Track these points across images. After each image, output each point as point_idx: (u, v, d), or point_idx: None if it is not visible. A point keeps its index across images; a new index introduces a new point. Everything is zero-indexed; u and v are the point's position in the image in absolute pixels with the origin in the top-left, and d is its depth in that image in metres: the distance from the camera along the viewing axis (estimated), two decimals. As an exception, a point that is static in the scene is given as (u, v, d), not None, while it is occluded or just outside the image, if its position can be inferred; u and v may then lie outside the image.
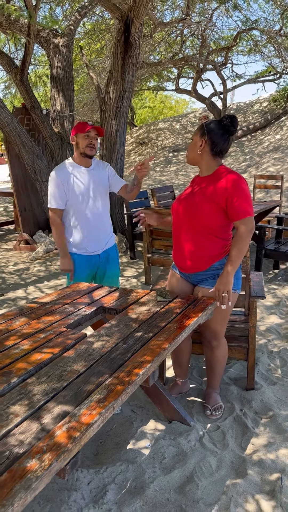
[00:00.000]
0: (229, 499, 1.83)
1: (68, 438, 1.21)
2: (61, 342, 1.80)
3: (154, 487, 1.89)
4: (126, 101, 6.00)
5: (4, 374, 1.55)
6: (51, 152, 6.29)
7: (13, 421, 1.29)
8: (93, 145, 2.61)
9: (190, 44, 13.60)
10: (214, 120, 2.17)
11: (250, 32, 12.20)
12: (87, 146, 2.60)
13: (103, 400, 1.39)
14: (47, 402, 1.39)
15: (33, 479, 1.07)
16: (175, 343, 1.79)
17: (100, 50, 11.99)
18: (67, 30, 6.47)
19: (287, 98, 14.31)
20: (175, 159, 13.55)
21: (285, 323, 3.69)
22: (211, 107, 13.83)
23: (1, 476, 1.09)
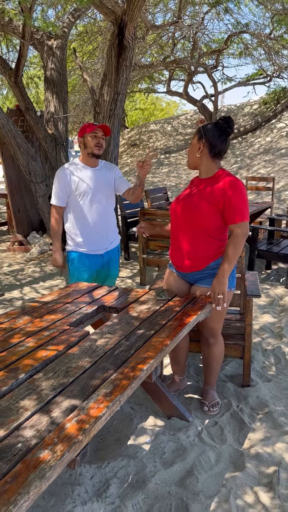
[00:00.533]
0: (228, 491, 1.88)
1: (78, 430, 1.26)
2: (65, 339, 1.84)
3: (155, 480, 1.94)
4: (120, 103, 6.06)
5: (11, 370, 1.59)
6: (45, 154, 6.31)
7: (23, 415, 1.34)
8: (101, 145, 2.66)
9: (181, 47, 13.71)
10: (211, 122, 2.23)
11: (241, 35, 12.34)
12: (96, 146, 2.65)
13: (109, 394, 1.43)
14: (55, 396, 1.44)
15: (46, 469, 1.12)
16: (176, 340, 1.84)
17: (92, 52, 12.04)
18: (60, 32, 6.51)
19: (277, 101, 14.47)
20: (167, 161, 13.63)
21: (278, 322, 3.76)
22: (202, 109, 13.94)
23: (16, 467, 1.13)
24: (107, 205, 2.79)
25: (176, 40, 12.99)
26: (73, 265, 2.79)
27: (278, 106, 14.00)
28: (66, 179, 2.68)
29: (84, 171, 2.71)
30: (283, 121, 13.17)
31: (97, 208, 2.74)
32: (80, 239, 2.76)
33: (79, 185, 2.69)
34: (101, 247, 2.79)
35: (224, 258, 2.14)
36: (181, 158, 13.46)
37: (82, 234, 2.75)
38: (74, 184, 2.69)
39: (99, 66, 12.12)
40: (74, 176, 2.70)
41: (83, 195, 2.70)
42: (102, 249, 2.80)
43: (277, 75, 13.46)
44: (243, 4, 11.55)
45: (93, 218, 2.73)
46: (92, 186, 2.71)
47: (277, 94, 14.61)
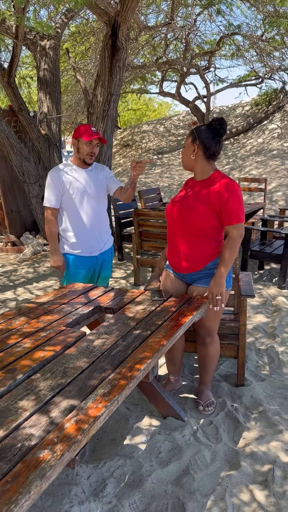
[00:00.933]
0: (224, 490, 1.90)
1: (77, 430, 1.27)
2: (62, 340, 1.85)
3: (151, 480, 1.95)
4: (114, 104, 6.07)
5: (9, 371, 1.60)
6: (38, 154, 6.30)
7: (22, 415, 1.34)
8: (94, 154, 2.67)
9: (173, 48, 13.75)
10: (204, 124, 2.25)
11: (233, 37, 12.41)
12: (88, 154, 2.65)
13: (107, 394, 1.44)
14: (53, 396, 1.45)
15: (47, 468, 1.13)
16: (172, 340, 1.85)
17: (84, 52, 12.03)
18: (54, 32, 6.50)
19: (268, 102, 14.56)
20: (160, 161, 13.66)
21: (271, 321, 3.80)
22: (194, 110, 13.98)
23: (16, 467, 1.14)
24: (100, 206, 2.80)
25: (168, 41, 13.03)
26: (68, 267, 2.79)
27: (269, 107, 14.09)
28: (59, 180, 2.69)
29: (76, 172, 2.72)
30: (274, 122, 13.26)
31: (91, 209, 2.75)
32: (74, 240, 2.76)
33: (72, 186, 2.69)
34: (95, 249, 2.80)
35: (221, 261, 2.16)
36: (173, 158, 13.50)
37: (76, 236, 2.75)
38: (67, 185, 2.69)
39: (91, 67, 12.12)
40: (67, 177, 2.70)
41: (76, 196, 2.70)
42: (97, 251, 2.81)
43: (269, 77, 13.55)
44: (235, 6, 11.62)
45: (86, 219, 2.74)
46: (85, 187, 2.72)
47: (269, 96, 14.70)
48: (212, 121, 2.22)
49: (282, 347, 3.27)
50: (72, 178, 2.69)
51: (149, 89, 16.70)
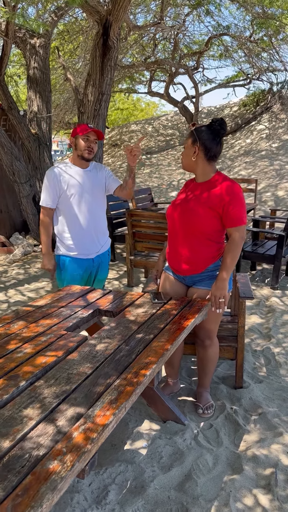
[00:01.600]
0: (228, 494, 1.88)
1: (86, 439, 1.23)
2: (63, 345, 1.81)
3: (154, 485, 1.92)
4: (105, 104, 6.02)
5: (11, 378, 1.55)
6: (28, 154, 6.22)
7: (28, 424, 1.30)
8: (91, 149, 2.62)
9: (162, 48, 13.74)
10: (203, 125, 2.22)
11: (221, 37, 12.44)
12: (85, 149, 2.61)
13: (115, 401, 1.41)
14: (59, 404, 1.41)
15: (57, 480, 1.09)
16: (176, 343, 1.83)
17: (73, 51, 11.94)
18: (44, 31, 6.42)
19: (256, 103, 14.65)
20: (149, 161, 13.63)
21: (265, 322, 3.80)
22: (183, 110, 13.99)
23: (26, 479, 1.10)
24: (98, 207, 2.76)
25: (157, 41, 13.02)
26: (64, 270, 2.74)
27: (257, 108, 14.17)
28: (56, 179, 2.64)
29: (74, 172, 2.67)
30: (262, 123, 13.34)
31: (88, 210, 2.70)
32: (71, 242, 2.71)
33: (70, 186, 2.65)
34: (92, 251, 2.75)
35: (223, 264, 2.14)
36: (162, 159, 13.49)
37: (72, 237, 2.70)
38: (64, 185, 2.64)
39: (80, 66, 12.03)
40: (65, 176, 2.65)
41: (74, 197, 2.65)
42: (93, 253, 2.76)
43: (257, 78, 13.63)
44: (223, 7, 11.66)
45: (84, 220, 2.69)
46: (83, 187, 2.67)
47: (257, 97, 14.79)
48: (212, 122, 2.20)
49: (277, 348, 3.27)
50: (70, 178, 2.65)
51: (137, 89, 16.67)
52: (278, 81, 13.65)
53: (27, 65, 6.43)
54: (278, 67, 12.96)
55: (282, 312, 3.97)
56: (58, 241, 2.75)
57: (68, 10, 7.04)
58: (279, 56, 11.94)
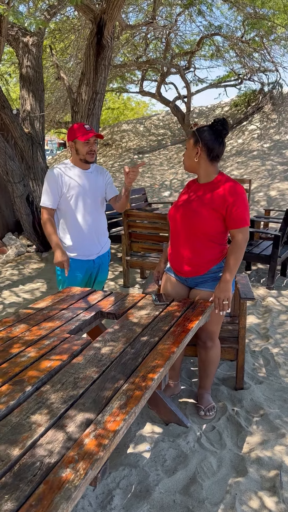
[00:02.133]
0: (233, 497, 1.87)
1: (98, 446, 1.21)
2: (67, 348, 1.78)
3: (159, 489, 1.90)
4: (99, 103, 5.99)
5: (16, 383, 1.52)
6: (21, 153, 6.16)
7: (37, 431, 1.27)
8: (93, 152, 2.59)
9: (153, 47, 13.72)
10: (205, 126, 2.20)
11: (213, 37, 12.47)
12: (88, 153, 2.57)
13: (124, 406, 1.39)
14: (67, 410, 1.38)
15: (71, 489, 1.07)
16: (181, 346, 1.81)
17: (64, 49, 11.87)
18: (36, 29, 6.37)
19: (247, 103, 14.70)
20: (140, 161, 13.60)
21: (263, 323, 3.80)
22: (175, 110, 13.99)
23: (38, 488, 1.07)
24: (98, 208, 2.73)
25: (148, 40, 13.00)
26: (64, 271, 2.70)
27: (249, 108, 14.22)
28: (57, 180, 2.60)
29: (75, 173, 2.64)
30: (254, 123, 13.39)
31: (89, 211, 2.67)
32: (71, 243, 2.67)
33: (71, 187, 2.61)
34: (93, 252, 2.72)
35: (226, 266, 2.13)
36: (154, 158, 13.47)
37: (73, 239, 2.67)
38: (65, 186, 2.61)
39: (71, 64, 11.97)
40: (66, 177, 2.62)
41: (75, 198, 2.62)
42: (94, 254, 2.73)
43: (248, 78, 13.68)
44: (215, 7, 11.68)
45: (84, 222, 2.66)
46: (84, 188, 2.64)
47: (248, 97, 14.85)
48: (214, 122, 2.18)
49: (276, 349, 3.27)
50: (70, 179, 2.61)
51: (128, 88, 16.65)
52: (269, 82, 13.72)
53: (19, 64, 6.37)
54: (269, 67, 13.03)
55: (278, 312, 3.98)
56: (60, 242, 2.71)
57: (60, 9, 6.99)
58: (270, 57, 11.99)
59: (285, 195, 9.15)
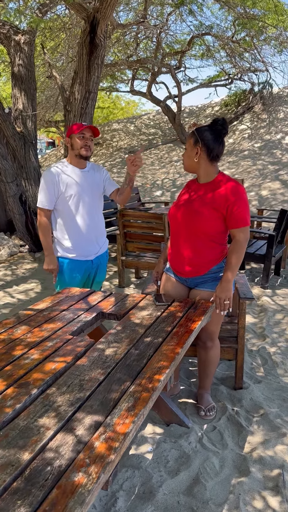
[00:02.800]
0: (237, 497, 1.87)
1: (108, 449, 1.20)
2: (71, 350, 1.76)
3: (163, 491, 1.90)
4: (92, 102, 5.96)
5: (21, 385, 1.50)
6: (13, 152, 6.11)
7: (45, 435, 1.26)
8: (88, 146, 2.57)
9: (143, 47, 13.71)
10: (204, 126, 2.20)
11: (203, 37, 12.49)
12: (82, 147, 2.55)
13: (132, 408, 1.38)
14: (75, 413, 1.37)
15: (85, 493, 1.05)
16: (185, 347, 1.81)
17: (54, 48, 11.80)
18: (28, 27, 6.31)
19: (238, 103, 14.76)
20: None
21: (259, 322, 3.82)
22: (165, 109, 13.99)
23: (51, 493, 1.06)
24: (96, 208, 2.71)
25: (139, 39, 12.97)
26: (62, 272, 2.68)
27: (239, 108, 14.28)
28: (54, 180, 2.58)
29: (72, 173, 2.62)
30: (244, 123, 13.45)
31: (87, 211, 2.65)
32: (69, 244, 2.65)
33: (68, 187, 2.59)
34: (91, 253, 2.70)
35: (228, 266, 2.13)
36: (145, 158, 13.46)
37: (71, 239, 2.64)
38: (62, 186, 2.59)
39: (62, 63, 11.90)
40: (63, 177, 2.59)
41: (72, 198, 2.60)
42: (92, 255, 2.71)
43: (239, 78, 13.73)
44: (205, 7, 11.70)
45: (82, 222, 2.64)
46: (81, 188, 2.62)
47: (238, 96, 14.91)
48: (214, 122, 2.18)
49: (273, 348, 3.29)
50: (67, 179, 2.59)
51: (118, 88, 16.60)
52: (260, 81, 13.79)
53: (11, 62, 6.31)
54: (259, 67, 13.09)
55: (274, 311, 4.00)
56: (56, 242, 2.69)
57: (52, 7, 6.94)
58: (261, 57, 12.06)
59: (276, 195, 9.21)
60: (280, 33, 11.17)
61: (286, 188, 9.38)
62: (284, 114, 12.93)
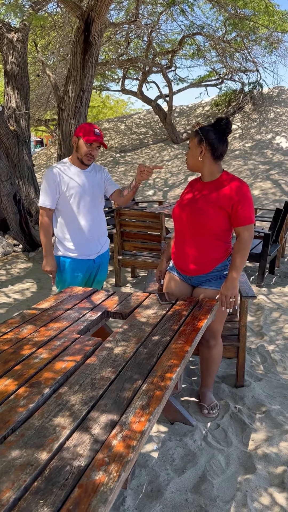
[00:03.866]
0: (244, 494, 1.89)
1: (127, 448, 1.20)
2: (79, 349, 1.76)
3: (170, 489, 1.90)
4: (86, 101, 5.94)
5: (33, 385, 1.49)
6: (6, 151, 6.06)
7: (62, 434, 1.25)
8: (92, 156, 2.57)
9: (134, 46, 13.70)
10: (208, 125, 2.21)
11: (194, 37, 12.52)
12: (86, 155, 2.55)
13: (147, 406, 1.38)
14: (89, 411, 1.36)
15: (107, 492, 1.05)
16: (194, 345, 1.81)
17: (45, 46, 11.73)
18: (21, 25, 6.27)
19: (228, 103, 14.84)
20: (123, 159, 13.56)
21: (256, 320, 3.84)
22: (157, 109, 14.00)
23: (73, 492, 1.05)
24: (97, 208, 2.70)
25: (129, 39, 12.96)
26: (64, 271, 2.67)
27: (229, 108, 14.35)
28: (56, 179, 2.56)
29: (74, 173, 2.61)
30: (235, 123, 13.51)
31: (89, 210, 2.64)
32: (71, 243, 2.64)
33: (70, 186, 2.58)
34: (93, 252, 2.70)
35: (233, 264, 2.14)
36: (136, 157, 13.45)
37: (73, 239, 2.63)
38: (64, 185, 2.58)
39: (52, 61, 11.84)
40: (64, 177, 2.58)
41: (74, 197, 2.59)
42: (94, 254, 2.71)
43: (229, 78, 13.80)
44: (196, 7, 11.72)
45: (84, 221, 2.63)
46: (83, 188, 2.61)
47: (228, 96, 14.99)
48: (218, 121, 2.19)
49: (271, 346, 3.31)
50: (69, 179, 2.58)
51: (109, 87, 16.57)
52: (250, 82, 13.87)
53: (4, 60, 6.26)
54: (250, 67, 13.18)
55: (270, 309, 4.03)
56: (58, 242, 2.67)
57: (45, 5, 6.90)
58: (251, 57, 12.13)
59: (268, 194, 9.28)
60: (270, 34, 11.25)
61: (277, 187, 9.46)
62: (274, 114, 13.04)
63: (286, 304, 4.15)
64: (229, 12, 10.71)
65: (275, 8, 10.16)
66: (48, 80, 7.62)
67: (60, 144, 5.97)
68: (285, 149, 11.34)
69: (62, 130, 5.85)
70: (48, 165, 15.71)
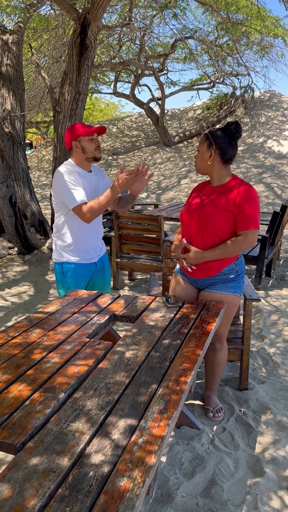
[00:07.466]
0: (255, 498, 1.88)
1: (148, 453, 1.18)
2: (90, 353, 1.74)
3: (181, 493, 1.89)
4: (81, 103, 5.93)
5: (48, 389, 1.48)
6: (2, 153, 6.02)
7: (82, 440, 1.24)
8: (100, 146, 2.54)
9: (126, 49, 13.72)
10: (219, 129, 2.21)
11: (186, 40, 12.59)
12: (96, 149, 2.51)
13: (164, 411, 1.37)
14: (107, 416, 1.35)
15: (134, 498, 1.04)
16: (205, 348, 1.81)
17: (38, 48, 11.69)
18: (16, 27, 6.24)
19: (219, 107, 14.92)
20: (115, 162, 13.55)
21: (255, 323, 3.85)
22: (149, 112, 14.03)
23: (99, 499, 1.04)
24: None
25: (122, 42, 12.98)
26: (68, 277, 2.62)
27: (221, 111, 14.44)
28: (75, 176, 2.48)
29: (80, 175, 2.58)
30: (227, 126, 13.59)
31: None
32: (76, 247, 2.59)
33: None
34: (95, 255, 2.68)
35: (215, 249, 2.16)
36: (129, 159, 13.45)
37: (76, 243, 2.58)
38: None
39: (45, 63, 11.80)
40: (76, 176, 2.53)
41: None
42: (96, 257, 2.69)
43: (221, 81, 13.88)
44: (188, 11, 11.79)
45: (88, 226, 2.60)
46: (86, 191, 2.58)
47: (220, 100, 15.07)
48: (228, 125, 2.20)
49: (272, 349, 3.32)
50: (79, 179, 2.52)
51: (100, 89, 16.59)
52: (241, 85, 13.97)
53: (-1, 62, 6.21)
54: (241, 71, 13.27)
55: (269, 312, 4.04)
56: (60, 248, 2.60)
57: (40, 7, 6.88)
58: (243, 61, 12.22)
59: (261, 198, 9.34)
60: (262, 39, 11.35)
61: (270, 191, 9.53)
62: (265, 118, 13.14)
63: (284, 307, 4.18)
64: (221, 17, 10.78)
65: (267, 13, 10.26)
66: (42, 82, 7.59)
67: (55, 146, 5.95)
68: (277, 152, 11.43)
69: (57, 132, 5.83)
70: (40, 167, 15.64)
